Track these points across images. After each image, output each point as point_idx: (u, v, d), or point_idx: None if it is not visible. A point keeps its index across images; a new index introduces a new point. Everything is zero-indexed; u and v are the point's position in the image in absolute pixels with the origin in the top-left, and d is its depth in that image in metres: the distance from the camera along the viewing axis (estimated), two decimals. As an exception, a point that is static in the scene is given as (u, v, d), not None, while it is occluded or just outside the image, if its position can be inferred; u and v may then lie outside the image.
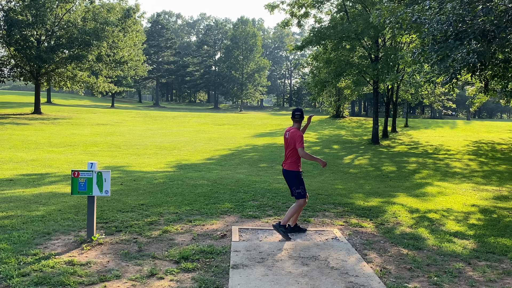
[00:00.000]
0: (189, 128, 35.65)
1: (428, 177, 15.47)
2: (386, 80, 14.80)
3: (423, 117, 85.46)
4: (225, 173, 14.16)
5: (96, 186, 6.23)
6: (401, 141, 29.81)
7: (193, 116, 48.93)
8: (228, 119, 45.65)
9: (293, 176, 6.77)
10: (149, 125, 37.91)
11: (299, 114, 6.79)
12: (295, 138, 6.69)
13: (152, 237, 6.52)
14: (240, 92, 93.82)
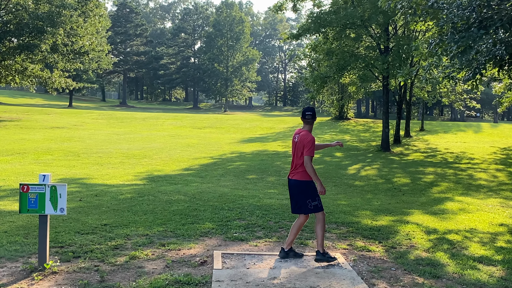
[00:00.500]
0: (162, 132, 35.53)
1: (448, 191, 15.57)
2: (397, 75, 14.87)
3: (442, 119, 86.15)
4: (206, 186, 14.12)
5: (50, 203, 6.17)
6: (416, 147, 30.00)
7: (168, 117, 48.82)
8: (210, 121, 45.59)
9: (306, 187, 6.83)
10: (114, 129, 37.70)
11: (311, 114, 6.89)
12: (304, 142, 6.77)
13: (117, 264, 6.47)
14: (225, 89, 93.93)
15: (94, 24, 44.78)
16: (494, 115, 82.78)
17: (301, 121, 7.71)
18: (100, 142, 27.55)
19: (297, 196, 6.87)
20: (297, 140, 6.88)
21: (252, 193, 13.09)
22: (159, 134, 34.11)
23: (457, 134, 39.08)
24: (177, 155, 22.72)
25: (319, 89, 28.18)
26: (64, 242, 7.42)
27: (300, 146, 6.79)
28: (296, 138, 6.90)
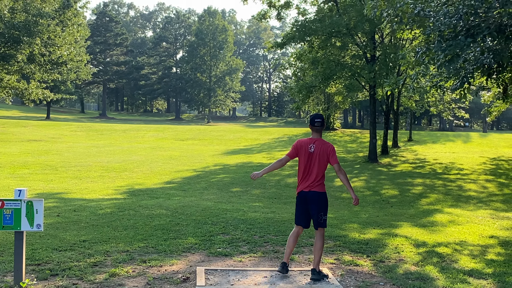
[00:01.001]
0: (144, 144, 35.40)
1: (437, 202, 15.65)
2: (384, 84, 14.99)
3: (430, 129, 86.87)
4: (189, 200, 14.07)
5: (26, 219, 6.10)
6: (404, 158, 30.18)
7: (149, 129, 48.67)
8: (192, 133, 45.52)
9: (324, 199, 6.88)
10: (93, 141, 37.49)
11: (320, 121, 6.91)
12: (328, 151, 6.83)
13: (96, 282, 6.41)
14: (208, 99, 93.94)
15: (72, 34, 44.61)
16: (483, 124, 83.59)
17: (286, 132, 7.65)
18: (79, 155, 27.37)
19: (315, 208, 6.84)
20: (315, 150, 6.82)
21: (236, 206, 13.06)
22: (140, 146, 33.98)
23: (446, 144, 39.40)
24: (159, 168, 22.63)
25: (305, 99, 28.30)
26: (41, 259, 7.33)
27: (323, 156, 6.80)
28: (312, 148, 6.84)
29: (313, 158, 6.83)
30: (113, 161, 24.74)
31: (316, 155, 6.82)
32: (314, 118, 6.91)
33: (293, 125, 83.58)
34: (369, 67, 25.82)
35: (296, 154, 6.98)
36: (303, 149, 6.90)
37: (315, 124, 6.89)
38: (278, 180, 19.96)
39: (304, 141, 6.97)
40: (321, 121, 6.90)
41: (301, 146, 6.93)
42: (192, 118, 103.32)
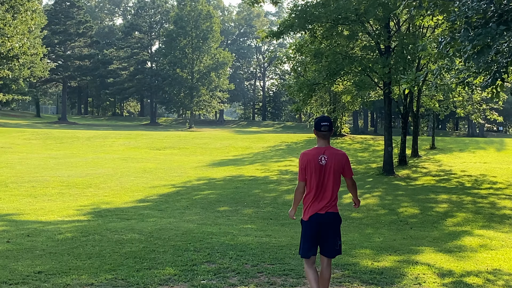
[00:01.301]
0: (112, 155, 35.31)
1: (466, 222, 15.68)
2: (401, 81, 15.01)
3: (457, 134, 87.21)
4: (167, 221, 14.03)
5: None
6: (426, 170, 30.24)
7: (119, 136, 48.57)
8: (171, 141, 45.45)
9: (340, 221, 6.98)
10: (51, 151, 37.35)
11: (328, 125, 6.81)
12: (343, 162, 6.84)
13: (53, 322, 6.37)
14: (190, 100, 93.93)
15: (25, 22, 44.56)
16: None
17: (284, 139, 7.64)
18: (34, 168, 27.26)
19: (339, 233, 6.93)
20: (326, 162, 6.74)
21: (224, 229, 13.03)
22: (108, 157, 33.88)
23: (475, 152, 39.51)
24: (130, 183, 22.57)
25: (306, 99, 28.34)
26: (-14, 295, 7.29)
27: (338, 168, 6.78)
28: (323, 160, 6.75)
29: (327, 172, 6.76)
30: (75, 175, 24.65)
31: (330, 168, 6.75)
32: (320, 122, 6.77)
33: (293, 130, 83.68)
34: (383, 61, 25.88)
35: (305, 172, 6.86)
36: (313, 163, 6.77)
37: (321, 129, 6.76)
38: (274, 197, 19.95)
39: (311, 152, 6.84)
40: (328, 125, 6.77)
41: (308, 161, 6.79)
42: (171, 123, 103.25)
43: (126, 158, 33.13)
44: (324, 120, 6.79)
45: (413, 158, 35.62)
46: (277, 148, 42.11)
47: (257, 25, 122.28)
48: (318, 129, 6.79)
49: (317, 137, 6.86)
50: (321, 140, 6.83)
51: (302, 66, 31.22)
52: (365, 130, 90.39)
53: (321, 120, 6.78)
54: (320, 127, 6.76)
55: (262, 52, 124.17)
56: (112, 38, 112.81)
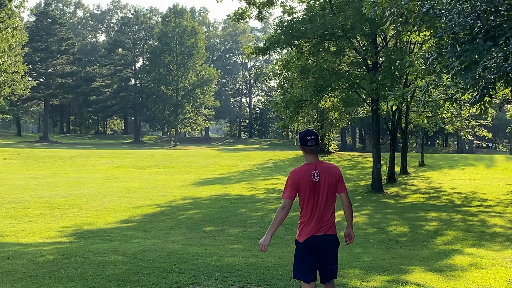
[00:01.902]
0: (95, 174, 35.17)
1: (456, 241, 15.72)
2: (389, 97, 15.11)
3: (446, 151, 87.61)
4: (151, 242, 13.97)
5: None
6: (415, 187, 30.32)
7: (102, 155, 48.41)
8: (156, 159, 45.35)
9: (338, 245, 6.76)
10: (33, 171, 37.16)
11: (315, 138, 6.54)
12: (336, 176, 6.59)
13: None
14: (174, 117, 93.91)
15: (6, 39, 44.48)
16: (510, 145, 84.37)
17: (271, 156, 7.56)
18: (14, 188, 27.10)
19: (336, 256, 6.73)
20: (319, 179, 6.45)
21: (210, 250, 12.99)
22: (91, 176, 33.75)
23: (465, 169, 39.68)
24: (114, 203, 22.47)
25: (293, 116, 28.39)
26: (-36, 320, 7.22)
27: (333, 184, 6.52)
28: (316, 176, 6.45)
29: (321, 189, 6.47)
30: (56, 195, 24.52)
31: (324, 184, 6.48)
32: (306, 136, 6.48)
33: (280, 147, 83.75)
34: (370, 77, 26.03)
35: (297, 190, 6.48)
36: (305, 180, 6.45)
37: (307, 143, 6.49)
38: (261, 216, 19.93)
39: (302, 169, 6.53)
40: (315, 139, 6.48)
41: (300, 178, 6.45)
42: (155, 141, 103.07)
43: (109, 178, 33.01)
44: (310, 134, 6.51)
45: (402, 175, 35.73)
46: (264, 166, 42.12)
47: (243, 41, 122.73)
48: (304, 144, 6.52)
49: (305, 153, 6.59)
50: (309, 155, 6.55)
51: (288, 83, 31.31)
52: (353, 147, 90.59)
53: (306, 135, 6.50)
54: (306, 141, 6.49)
55: (248, 68, 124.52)
56: (95, 55, 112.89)
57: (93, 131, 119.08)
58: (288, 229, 16.81)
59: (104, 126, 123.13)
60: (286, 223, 18.00)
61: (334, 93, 29.37)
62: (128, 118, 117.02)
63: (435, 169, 39.50)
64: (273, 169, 39.50)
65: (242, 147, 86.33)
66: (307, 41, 27.10)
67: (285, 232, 16.37)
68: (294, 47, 27.35)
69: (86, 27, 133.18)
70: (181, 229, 16.84)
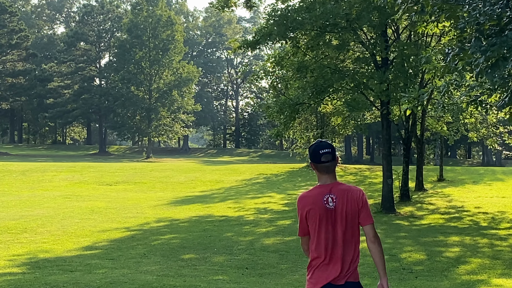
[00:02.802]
0: (52, 192, 35.04)
1: (482, 270, 15.73)
2: (402, 100, 15.13)
3: (469, 163, 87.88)
4: (119, 273, 13.93)
5: None
6: (433, 206, 30.37)
7: (61, 168, 48.26)
8: (125, 174, 45.25)
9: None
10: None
11: (330, 152, 5.85)
12: (359, 202, 5.83)
13: None
14: (147, 124, 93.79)
15: None
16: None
17: (262, 170, 7.32)
18: (-44, 209, 27.00)
19: None
20: (335, 205, 5.77)
21: (190, 282, 12.97)
22: (47, 194, 33.62)
23: (492, 185, 39.79)
24: (75, 226, 22.38)
25: (288, 122, 28.34)
26: None
27: (352, 213, 5.77)
28: (331, 202, 5.77)
29: (338, 218, 5.75)
30: (6, 217, 24.42)
31: (341, 213, 5.75)
32: (318, 150, 5.81)
33: (272, 159, 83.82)
34: (379, 75, 26.04)
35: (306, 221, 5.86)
36: (316, 208, 5.76)
37: (321, 159, 5.80)
38: (250, 241, 19.90)
39: (312, 194, 5.88)
40: (330, 152, 5.80)
41: (308, 204, 5.81)
42: (124, 152, 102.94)
43: (70, 196, 32.88)
44: (323, 146, 5.81)
45: (418, 192, 35.74)
46: (253, 181, 42.12)
47: (228, 33, 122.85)
48: (316, 161, 5.81)
49: (317, 172, 5.89)
50: (323, 175, 5.85)
51: (283, 83, 31.26)
52: (359, 159, 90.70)
53: (318, 148, 5.81)
54: (319, 157, 5.78)
55: (235, 65, 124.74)
56: (52, 50, 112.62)
57: (50, 141, 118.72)
58: (283, 256, 16.80)
59: (63, 134, 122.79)
60: (280, 249, 18.01)
61: (337, 95, 29.41)
62: (92, 125, 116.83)
63: (456, 184, 39.57)
64: (264, 185, 39.49)
65: (227, 159, 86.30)
66: (304, 34, 27.11)
67: (280, 259, 16.35)
68: (289, 40, 27.36)
69: (42, 16, 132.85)
70: (155, 257, 16.79)
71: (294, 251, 17.49)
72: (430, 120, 37.52)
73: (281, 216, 26.82)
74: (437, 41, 29.37)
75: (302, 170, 48.25)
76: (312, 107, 29.73)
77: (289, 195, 34.35)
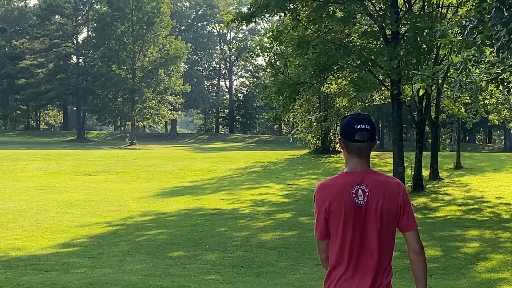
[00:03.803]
0: (25, 183, 35.03)
1: (503, 267, 15.76)
2: (415, 79, 15.12)
3: (490, 148, 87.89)
4: (100, 273, 13.94)
5: None
6: (450, 197, 30.41)
7: (35, 157, 48.24)
8: (106, 162, 45.24)
9: None
10: None
11: (369, 129, 4.96)
12: (400, 201, 5.02)
13: None
14: (130, 107, 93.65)
15: None
16: None
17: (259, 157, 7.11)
18: None
19: None
20: (367, 200, 4.91)
21: (179, 282, 12.99)
22: (20, 186, 33.63)
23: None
24: (50, 221, 22.38)
25: (288, 103, 28.35)
26: None
27: (391, 213, 4.95)
28: (362, 196, 4.92)
29: (370, 218, 4.93)
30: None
31: (375, 212, 4.93)
32: (355, 124, 4.93)
33: (270, 145, 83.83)
34: (389, 51, 26.02)
35: (327, 218, 5.01)
36: (341, 202, 4.91)
37: (355, 136, 4.92)
38: (246, 237, 19.91)
39: (337, 183, 5.01)
40: (369, 130, 4.94)
41: (332, 197, 4.94)
42: (105, 138, 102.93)
43: (44, 187, 32.87)
44: (361, 121, 4.93)
45: (432, 181, 35.78)
46: (249, 170, 42.14)
47: (221, 4, 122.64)
48: (349, 138, 4.95)
49: (346, 153, 5.05)
50: (354, 159, 5.00)
51: (281, 60, 31.26)
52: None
53: (355, 122, 4.94)
54: (352, 133, 4.91)
55: (228, 41, 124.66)
56: (24, 25, 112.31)
57: (22, 126, 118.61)
58: (282, 253, 16.82)
59: (37, 119, 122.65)
60: (279, 245, 18.03)
61: (342, 74, 29.38)
62: (69, 108, 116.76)
63: (475, 172, 39.61)
64: (261, 175, 39.51)
65: (220, 145, 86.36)
66: (305, 5, 27.09)
67: (279, 257, 16.36)
68: (289, 12, 27.31)
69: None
70: (140, 254, 16.79)
71: (295, 248, 17.51)
72: (446, 101, 37.52)
73: (280, 208, 26.86)
74: (453, 13, 29.33)
75: (303, 158, 48.27)
76: (314, 87, 29.76)
77: (289, 185, 34.38)
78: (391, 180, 5.05)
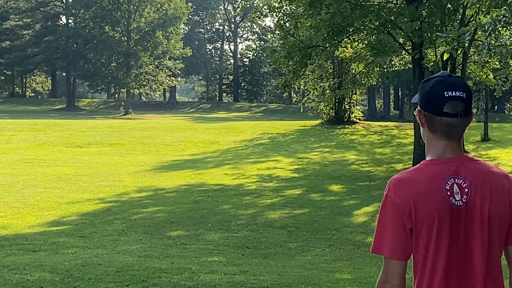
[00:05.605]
0: (10, 155, 35.10)
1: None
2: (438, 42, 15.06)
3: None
4: (93, 253, 13.98)
5: None
6: (476, 172, 30.36)
7: (20, 127, 48.29)
8: (98, 133, 45.28)
9: None
10: None
11: (465, 100, 3.66)
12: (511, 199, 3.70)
13: None
14: (125, 72, 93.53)
15: None
16: None
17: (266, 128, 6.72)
18: None
19: None
20: (467, 199, 3.60)
21: (179, 264, 13.02)
22: (4, 158, 33.71)
23: (548, 146, 39.78)
24: (38, 197, 22.44)
25: (299, 69, 28.33)
26: None
27: (502, 215, 3.63)
28: (461, 194, 3.61)
29: (473, 225, 3.64)
30: (-46, 186, 24.52)
31: (481, 215, 3.64)
32: (444, 90, 3.65)
33: (279, 114, 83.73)
34: (410, 11, 25.95)
35: (410, 231, 3.65)
36: (433, 204, 3.62)
37: (443, 108, 3.66)
38: (252, 215, 19.96)
39: (423, 178, 3.74)
40: (465, 100, 3.65)
41: (417, 197, 3.64)
42: (98, 107, 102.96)
43: (31, 160, 32.94)
44: (454, 85, 3.67)
45: (457, 155, 35.70)
46: (256, 142, 42.16)
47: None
48: (435, 110, 3.70)
49: (430, 133, 3.82)
50: (440, 140, 3.78)
51: (291, 21, 31.19)
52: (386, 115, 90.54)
53: (444, 86, 3.68)
54: (441, 103, 3.67)
55: (232, 0, 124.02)
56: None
57: (7, 93, 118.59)
58: (292, 233, 16.85)
59: (23, 85, 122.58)
60: (288, 224, 18.06)
61: (358, 36, 29.34)
62: (58, 73, 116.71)
63: (504, 145, 39.57)
64: (269, 147, 39.52)
65: (224, 115, 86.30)
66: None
67: (288, 237, 16.40)
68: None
69: None
70: (136, 234, 16.84)
71: (305, 227, 17.55)
72: (473, 66, 37.41)
73: (290, 184, 26.90)
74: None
75: (315, 129, 48.22)
76: (327, 51, 29.70)
77: (300, 159, 34.41)
78: (496, 170, 3.75)
